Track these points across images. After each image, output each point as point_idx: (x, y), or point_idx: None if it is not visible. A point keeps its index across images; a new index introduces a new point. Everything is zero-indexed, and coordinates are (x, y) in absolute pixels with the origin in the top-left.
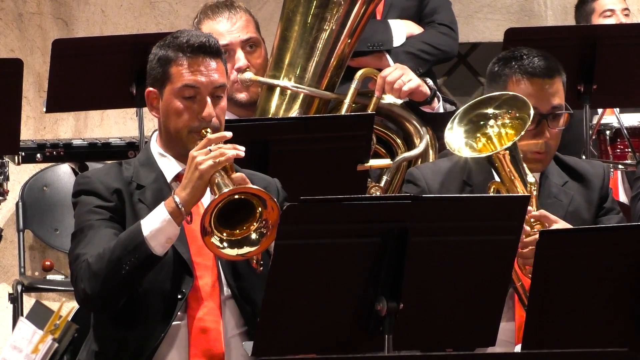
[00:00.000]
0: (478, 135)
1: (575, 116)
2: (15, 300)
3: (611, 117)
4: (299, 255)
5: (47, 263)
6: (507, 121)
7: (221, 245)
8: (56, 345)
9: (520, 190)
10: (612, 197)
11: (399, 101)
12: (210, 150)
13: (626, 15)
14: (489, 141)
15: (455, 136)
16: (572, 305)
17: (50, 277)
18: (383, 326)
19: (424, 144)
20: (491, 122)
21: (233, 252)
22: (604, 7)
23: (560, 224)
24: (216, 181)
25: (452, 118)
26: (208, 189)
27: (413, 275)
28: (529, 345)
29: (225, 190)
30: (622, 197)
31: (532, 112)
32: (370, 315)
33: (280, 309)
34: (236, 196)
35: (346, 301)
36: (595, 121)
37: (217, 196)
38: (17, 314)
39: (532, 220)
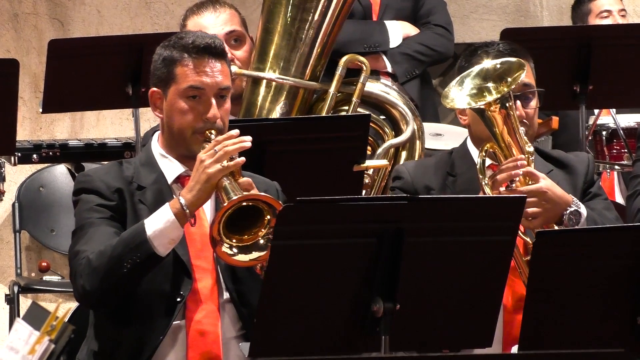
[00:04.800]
0: (481, 103)
1: (571, 117)
2: (11, 301)
3: (607, 118)
4: (295, 256)
5: (44, 264)
6: (505, 89)
7: (232, 252)
8: (53, 346)
9: (516, 154)
10: (598, 184)
11: (383, 87)
12: (216, 152)
13: (622, 16)
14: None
15: (459, 91)
16: (568, 306)
17: (46, 278)
18: (379, 327)
19: (410, 129)
20: (493, 92)
21: (246, 258)
22: (601, 7)
23: (547, 181)
24: (223, 185)
25: (462, 77)
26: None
27: (409, 275)
28: (526, 346)
29: (235, 197)
30: (619, 198)
31: (524, 70)
32: (366, 316)
33: (277, 310)
34: (244, 203)
35: (342, 302)
36: (591, 122)
37: (226, 204)
38: (13, 315)
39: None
